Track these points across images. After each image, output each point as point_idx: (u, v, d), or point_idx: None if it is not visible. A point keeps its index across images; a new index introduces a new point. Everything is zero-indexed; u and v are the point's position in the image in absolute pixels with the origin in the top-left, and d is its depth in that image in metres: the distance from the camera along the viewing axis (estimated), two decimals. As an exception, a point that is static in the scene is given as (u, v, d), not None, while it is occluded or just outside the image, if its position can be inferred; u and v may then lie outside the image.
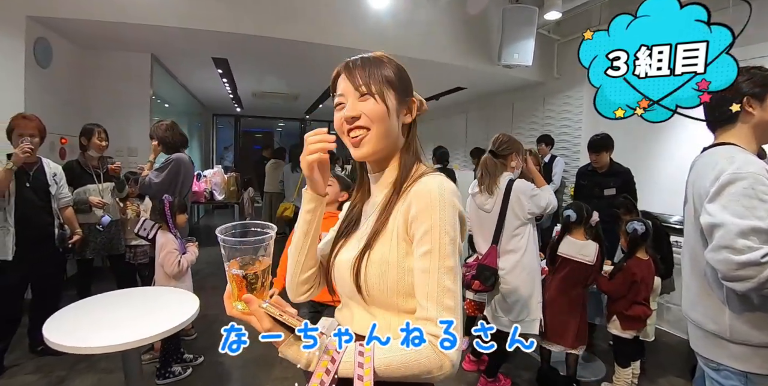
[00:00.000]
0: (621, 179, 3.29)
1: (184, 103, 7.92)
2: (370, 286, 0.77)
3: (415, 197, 0.75)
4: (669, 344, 3.13)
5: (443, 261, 0.71)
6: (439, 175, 0.80)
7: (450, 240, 0.72)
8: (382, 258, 0.76)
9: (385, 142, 0.80)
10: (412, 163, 0.85)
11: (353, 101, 0.79)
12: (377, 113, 0.78)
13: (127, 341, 1.45)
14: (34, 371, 2.44)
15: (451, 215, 0.73)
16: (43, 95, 3.58)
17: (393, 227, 0.78)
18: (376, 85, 0.78)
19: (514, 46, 4.35)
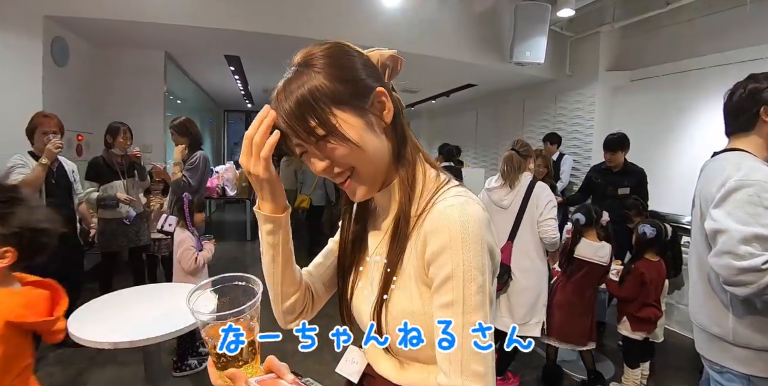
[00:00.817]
0: (635, 179, 3.27)
1: (197, 99, 8.00)
2: (399, 344, 0.63)
3: (431, 232, 0.59)
4: (678, 345, 3.13)
5: (469, 316, 0.56)
6: (461, 195, 0.61)
7: (477, 289, 0.56)
8: (405, 311, 0.63)
9: (377, 170, 0.65)
10: (414, 174, 0.66)
11: (313, 150, 0.62)
12: (348, 155, 0.60)
13: (148, 337, 1.50)
14: (55, 363, 2.52)
15: (479, 255, 0.57)
16: (60, 93, 3.65)
17: (409, 269, 0.63)
18: (321, 126, 0.58)
19: (527, 43, 4.32)
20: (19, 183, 2.21)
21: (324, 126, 0.58)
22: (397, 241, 0.64)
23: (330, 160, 0.62)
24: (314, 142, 0.60)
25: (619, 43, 4.92)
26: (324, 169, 0.62)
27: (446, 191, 0.63)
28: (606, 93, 4.89)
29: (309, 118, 0.58)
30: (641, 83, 4.65)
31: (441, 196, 0.62)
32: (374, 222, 0.74)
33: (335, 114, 0.59)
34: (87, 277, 3.18)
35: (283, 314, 0.74)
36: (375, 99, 0.63)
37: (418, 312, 0.62)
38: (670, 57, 4.30)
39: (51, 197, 2.41)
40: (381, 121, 0.64)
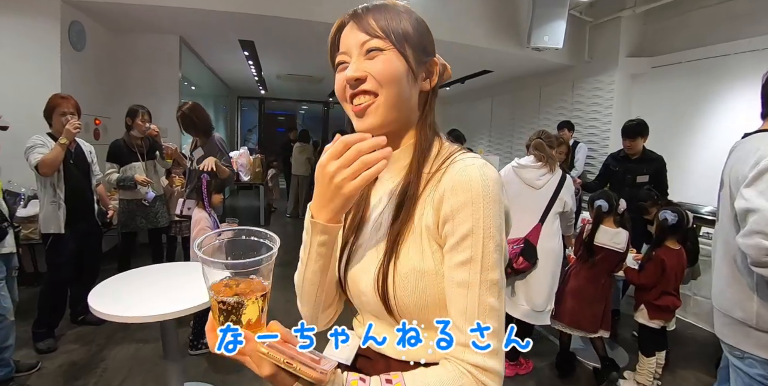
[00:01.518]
0: (653, 166, 3.20)
1: (211, 85, 8.02)
2: (404, 306, 0.62)
3: (450, 188, 0.59)
4: (694, 336, 3.10)
5: (487, 273, 0.56)
6: (477, 157, 0.63)
7: (495, 247, 0.57)
8: (415, 269, 0.61)
9: (397, 113, 0.63)
10: (431, 140, 0.67)
11: (358, 59, 0.62)
12: (389, 74, 0.61)
13: (165, 312, 1.53)
14: (75, 340, 2.60)
15: (498, 214, 0.58)
16: (77, 77, 3.69)
17: (420, 226, 0.62)
18: (389, 38, 0.61)
19: (545, 28, 4.21)
20: (37, 162, 2.26)
21: (391, 38, 0.62)
22: (409, 199, 0.63)
23: (367, 74, 0.61)
24: (370, 48, 0.62)
25: (640, 29, 4.77)
26: (356, 78, 0.61)
27: (462, 154, 0.64)
28: (625, 80, 4.76)
29: (384, 30, 0.62)
30: (662, 70, 4.52)
31: (458, 157, 0.63)
32: (381, 185, 0.71)
33: (403, 43, 0.63)
34: (105, 258, 3.26)
35: (321, 320, 0.73)
36: (430, 64, 0.67)
37: (430, 271, 0.61)
38: (693, 43, 4.16)
39: (69, 178, 2.45)
40: (424, 83, 0.67)
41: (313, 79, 7.78)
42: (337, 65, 0.66)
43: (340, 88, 0.64)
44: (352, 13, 0.65)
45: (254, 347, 0.50)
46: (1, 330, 1.96)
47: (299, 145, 6.81)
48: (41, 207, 2.41)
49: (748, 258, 1.12)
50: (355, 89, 0.62)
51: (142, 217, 3.05)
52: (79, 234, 2.53)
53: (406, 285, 0.61)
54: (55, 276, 2.48)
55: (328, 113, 12.22)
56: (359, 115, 0.63)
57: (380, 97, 0.61)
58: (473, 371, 0.55)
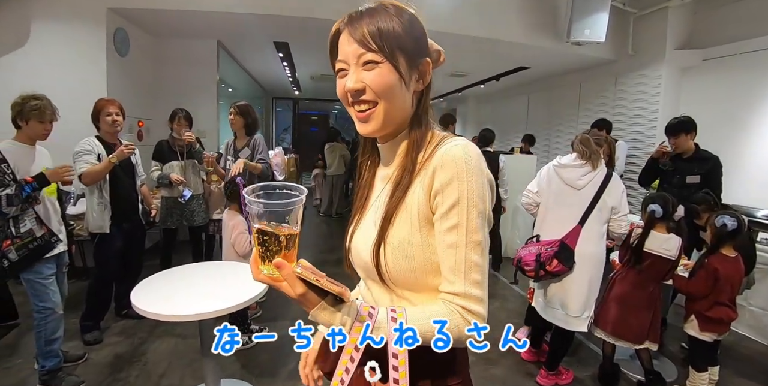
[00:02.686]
0: (706, 167, 2.92)
1: (247, 87, 8.23)
2: (395, 272, 0.72)
3: (439, 167, 0.68)
4: (748, 350, 2.88)
5: (471, 235, 0.67)
6: (461, 139, 0.72)
7: (478, 214, 0.67)
8: (404, 241, 0.71)
9: (394, 117, 0.72)
10: (425, 133, 0.76)
11: (356, 70, 0.69)
12: (385, 86, 0.68)
13: (202, 311, 1.56)
14: (119, 333, 2.71)
15: (480, 184, 0.67)
16: (122, 82, 3.86)
17: (412, 204, 0.71)
18: (382, 52, 0.67)
19: (585, 20, 4.04)
20: (82, 172, 2.37)
21: (391, 52, 0.68)
22: (403, 180, 0.73)
23: (365, 86, 0.68)
24: (366, 61, 0.68)
25: (690, 19, 4.49)
26: (356, 90, 0.69)
27: (449, 139, 0.73)
28: (673, 74, 4.50)
29: (379, 41, 0.67)
30: (715, 63, 4.23)
31: (445, 142, 0.72)
32: (381, 172, 0.83)
33: (396, 52, 0.68)
34: (148, 254, 3.39)
35: None
36: (422, 65, 0.73)
37: (417, 243, 0.70)
38: (749, 33, 3.87)
39: (115, 180, 2.55)
40: (417, 84, 0.74)
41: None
42: (337, 71, 0.73)
43: (342, 94, 0.72)
44: (347, 18, 0.71)
45: (290, 270, 0.62)
46: (50, 322, 2.07)
47: (329, 145, 6.85)
48: (88, 208, 2.52)
49: None
50: (356, 99, 0.70)
51: (179, 215, 3.19)
52: (124, 232, 2.64)
53: (397, 254, 0.71)
54: (102, 272, 2.60)
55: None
56: (362, 120, 0.72)
57: (379, 106, 0.70)
58: (461, 311, 0.66)
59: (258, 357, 2.44)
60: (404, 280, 0.73)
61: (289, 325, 0.64)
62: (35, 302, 2.05)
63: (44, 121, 2.06)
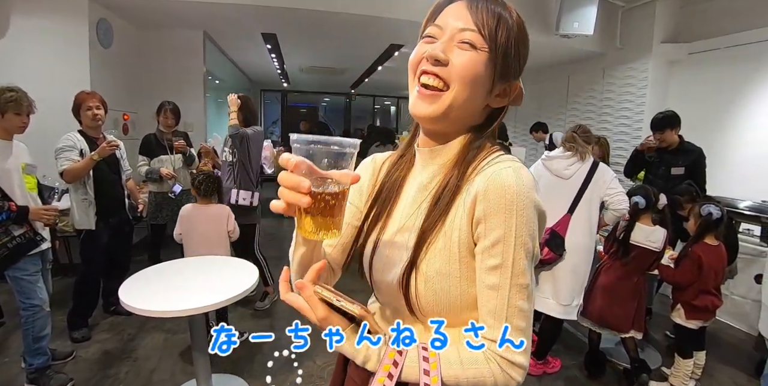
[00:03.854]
0: (691, 158, 2.99)
1: (234, 79, 8.12)
2: (426, 305, 0.63)
3: (483, 191, 0.58)
4: (731, 337, 2.96)
5: (516, 278, 0.58)
6: (515, 160, 0.62)
7: (526, 254, 0.58)
8: (440, 272, 0.62)
9: (456, 112, 0.62)
10: (475, 153, 0.65)
11: (449, 42, 0.60)
12: (471, 73, 0.59)
13: (195, 306, 1.56)
14: (108, 329, 2.68)
15: (532, 221, 0.58)
16: (106, 74, 3.77)
17: (453, 229, 0.61)
18: (490, 42, 0.59)
19: (574, 13, 4.05)
20: (63, 170, 2.32)
21: (497, 47, 0.60)
22: (441, 203, 0.63)
23: (449, 61, 0.59)
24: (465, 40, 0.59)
25: (677, 12, 4.52)
26: (437, 58, 0.59)
27: (499, 156, 0.64)
28: (660, 67, 4.54)
29: (500, 33, 0.60)
30: (701, 56, 4.29)
31: (495, 159, 0.63)
32: (416, 180, 0.71)
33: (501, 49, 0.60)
34: (135, 250, 3.35)
35: None
36: (510, 86, 0.66)
37: (455, 275, 0.61)
38: (735, 27, 3.91)
39: (99, 175, 2.50)
40: (495, 100, 0.66)
41: (335, 71, 7.76)
42: (424, 35, 0.64)
43: (416, 59, 0.63)
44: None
45: (310, 292, 0.58)
46: (38, 320, 2.04)
47: None
48: (72, 204, 2.47)
49: None
50: (430, 68, 0.60)
51: (169, 210, 3.15)
52: (111, 228, 2.60)
53: (430, 286, 0.62)
54: (88, 268, 2.57)
55: (350, 105, 12.20)
56: (422, 98, 0.62)
57: (450, 91, 0.60)
58: (500, 362, 0.58)
59: (249, 352, 2.44)
60: (437, 313, 0.64)
61: (301, 318, 0.61)
62: (22, 300, 2.02)
63: (21, 113, 2.00)
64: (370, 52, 5.78)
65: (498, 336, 0.58)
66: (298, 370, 0.80)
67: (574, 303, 2.22)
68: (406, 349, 0.59)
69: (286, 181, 0.51)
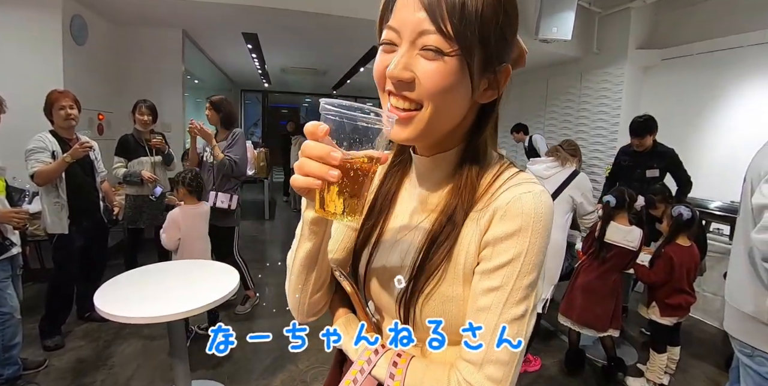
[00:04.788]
0: (665, 160, 3.07)
1: (214, 79, 7.99)
2: (421, 326, 0.59)
3: (501, 215, 0.53)
4: (703, 333, 3.07)
5: (511, 307, 0.52)
6: (535, 182, 0.56)
7: (529, 284, 0.53)
8: (444, 295, 0.57)
9: (441, 129, 0.55)
10: (482, 161, 0.59)
11: (410, 51, 0.49)
12: (443, 88, 0.49)
13: (170, 313, 1.52)
14: (82, 336, 2.60)
15: (542, 249, 0.53)
16: (80, 72, 3.66)
17: (459, 253, 0.56)
18: (458, 41, 0.48)
19: (553, 18, 4.13)
20: (34, 172, 2.24)
21: (469, 44, 0.48)
22: (450, 225, 0.56)
23: (415, 78, 0.50)
24: (426, 47, 0.48)
25: (651, 20, 4.67)
26: (401, 80, 0.50)
27: (516, 175, 0.57)
28: (635, 72, 4.68)
29: (467, 23, 0.47)
30: (673, 62, 4.44)
31: (514, 180, 0.56)
32: (414, 189, 0.65)
33: (475, 44, 0.49)
34: (111, 254, 3.26)
35: (308, 308, 0.66)
36: (500, 73, 0.54)
37: (458, 298, 0.56)
38: (706, 34, 4.07)
39: (72, 177, 2.42)
40: (483, 94, 0.55)
41: (317, 72, 7.73)
42: (382, 43, 0.53)
43: (379, 76, 0.53)
44: None
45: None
46: (8, 328, 1.96)
47: (296, 138, 6.74)
48: (44, 207, 2.38)
49: (760, 253, 1.11)
50: (398, 91, 0.51)
51: (149, 213, 3.05)
52: (85, 232, 2.52)
53: (432, 306, 0.57)
54: (61, 273, 2.48)
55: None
56: (398, 125, 0.53)
57: (424, 110, 0.51)
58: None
59: (230, 357, 2.40)
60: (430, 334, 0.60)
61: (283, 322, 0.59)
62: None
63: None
64: (352, 53, 5.77)
65: (475, 361, 0.52)
66: (281, 374, 0.78)
67: (542, 297, 2.28)
68: (382, 351, 0.58)
69: (313, 149, 0.45)
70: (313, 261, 0.60)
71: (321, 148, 0.45)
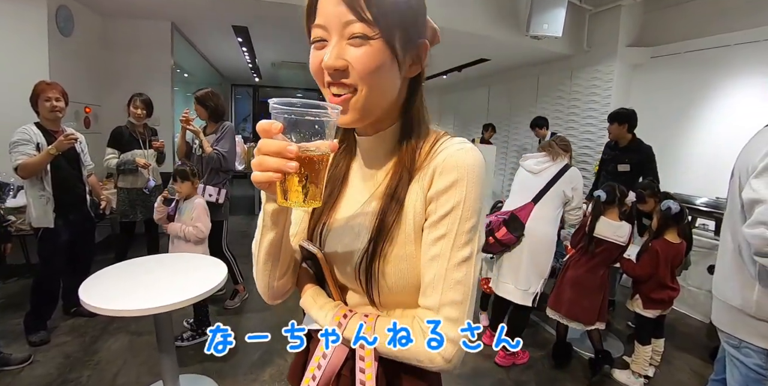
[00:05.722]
0: (638, 156, 3.21)
1: (204, 73, 7.90)
2: (385, 289, 0.63)
3: (438, 173, 0.60)
4: (687, 327, 3.12)
5: (457, 250, 0.59)
6: (465, 141, 0.63)
7: (471, 228, 0.59)
8: (400, 255, 0.62)
9: (378, 106, 0.60)
10: (419, 128, 0.65)
11: (339, 43, 0.56)
12: (374, 69, 0.55)
13: (157, 305, 1.50)
14: (69, 332, 2.57)
15: (478, 196, 0.60)
16: (66, 64, 3.59)
17: (408, 214, 0.62)
18: (378, 25, 0.54)
19: (544, 15, 4.15)
20: (18, 165, 2.20)
21: (384, 23, 0.55)
22: (398, 191, 0.62)
23: (348, 65, 0.55)
24: (354, 35, 0.55)
25: (641, 18, 4.71)
26: (336, 69, 0.56)
27: (449, 139, 0.64)
28: (625, 70, 4.72)
29: (376, 10, 0.54)
30: (662, 60, 4.48)
31: (446, 142, 0.63)
32: (361, 167, 0.71)
33: (394, 28, 0.56)
34: (98, 249, 3.22)
35: (275, 291, 0.70)
36: (420, 48, 0.62)
37: (410, 256, 0.62)
38: (694, 33, 4.12)
39: (57, 170, 2.38)
40: (410, 69, 0.62)
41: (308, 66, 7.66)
42: (313, 41, 0.59)
43: (316, 70, 0.59)
44: None
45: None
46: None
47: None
48: (29, 201, 2.34)
49: (752, 247, 1.12)
50: (335, 80, 0.57)
51: (142, 206, 3.03)
52: (71, 225, 2.48)
53: (390, 269, 0.62)
54: (47, 268, 2.44)
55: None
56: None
57: (361, 92, 0.57)
58: (428, 336, 0.58)
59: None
60: (394, 298, 0.65)
61: (271, 316, 0.62)
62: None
63: None
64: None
65: (431, 305, 0.59)
66: (269, 369, 0.79)
67: (531, 290, 2.30)
68: (350, 315, 0.63)
69: (269, 145, 0.49)
70: (277, 249, 0.65)
71: (277, 144, 0.49)
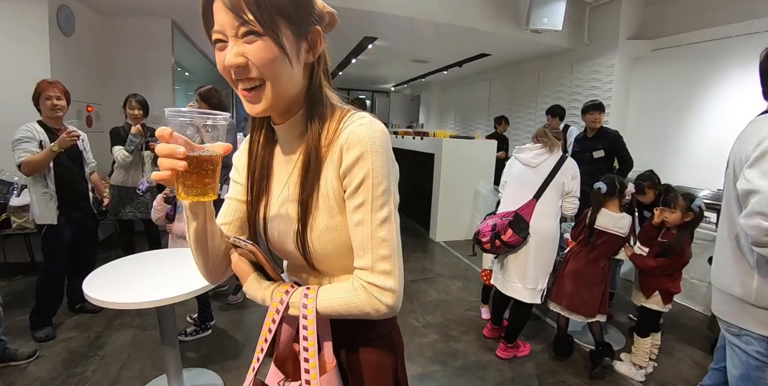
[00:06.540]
0: (609, 141, 3.41)
1: (205, 71, 7.91)
2: (322, 257, 0.73)
3: (345, 149, 0.67)
4: (689, 319, 3.12)
5: (376, 213, 0.67)
6: (365, 116, 0.70)
7: (383, 191, 0.67)
8: (326, 227, 0.71)
9: (285, 94, 0.67)
10: (323, 114, 0.72)
11: (236, 43, 0.62)
12: (269, 61, 0.62)
13: (161, 297, 1.52)
14: (74, 328, 2.60)
15: (384, 162, 0.67)
16: (68, 63, 3.62)
17: (327, 188, 0.70)
18: (261, 24, 0.60)
19: (544, 9, 4.14)
20: (21, 162, 2.22)
21: (267, 18, 0.60)
22: (311, 166, 0.70)
23: (248, 61, 0.62)
24: (245, 32, 0.61)
25: (641, 11, 4.68)
26: (237, 66, 0.62)
27: (351, 116, 0.71)
28: (625, 63, 4.70)
29: (257, 8, 0.59)
30: (663, 53, 4.46)
31: (349, 120, 0.70)
32: (281, 154, 0.78)
33: (279, 20, 0.62)
34: (102, 247, 3.25)
35: (212, 272, 0.78)
36: (312, 34, 0.68)
37: (340, 226, 0.71)
38: (695, 25, 4.09)
39: (60, 168, 2.41)
40: (307, 56, 0.69)
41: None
42: (214, 43, 0.65)
43: (223, 70, 0.64)
44: None
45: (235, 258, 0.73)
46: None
47: None
48: (32, 198, 2.36)
49: (749, 238, 1.13)
50: (241, 76, 0.63)
51: (132, 206, 3.04)
52: (74, 223, 2.50)
53: (322, 240, 0.71)
54: (51, 265, 2.47)
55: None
56: (250, 100, 0.66)
57: (266, 84, 0.64)
58: (369, 288, 0.68)
59: (221, 345, 2.42)
60: (333, 264, 0.74)
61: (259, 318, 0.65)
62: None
63: None
64: (344, 44, 5.73)
65: (366, 265, 0.68)
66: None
67: (539, 288, 2.29)
68: (292, 290, 0.71)
69: (163, 148, 0.56)
70: (203, 237, 0.71)
71: (169, 147, 0.56)
